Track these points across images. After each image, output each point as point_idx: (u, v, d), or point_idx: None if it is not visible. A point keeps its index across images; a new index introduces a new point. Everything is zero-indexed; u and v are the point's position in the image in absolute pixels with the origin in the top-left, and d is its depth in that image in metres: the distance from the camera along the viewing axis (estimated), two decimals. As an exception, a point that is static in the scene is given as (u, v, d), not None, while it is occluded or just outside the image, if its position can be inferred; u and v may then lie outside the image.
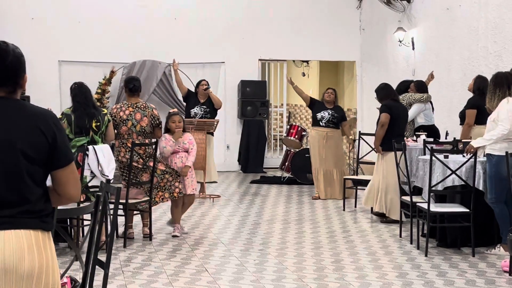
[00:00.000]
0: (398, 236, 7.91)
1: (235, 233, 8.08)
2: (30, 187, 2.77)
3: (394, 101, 8.88)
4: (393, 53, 13.41)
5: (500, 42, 9.89)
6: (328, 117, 10.65)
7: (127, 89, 7.75)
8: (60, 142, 2.84)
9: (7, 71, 2.81)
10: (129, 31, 14.06)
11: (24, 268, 2.68)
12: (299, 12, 14.88)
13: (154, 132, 7.68)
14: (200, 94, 11.20)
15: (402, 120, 8.85)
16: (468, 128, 8.28)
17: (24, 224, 2.73)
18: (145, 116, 7.60)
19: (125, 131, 7.55)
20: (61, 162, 2.85)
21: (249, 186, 12.34)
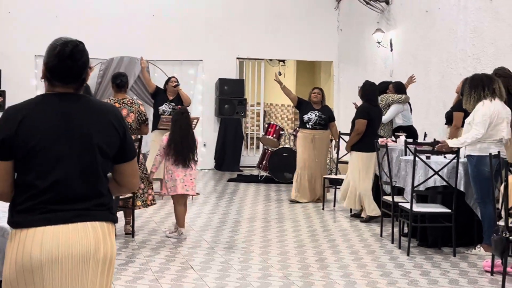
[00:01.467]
0: (379, 236, 7.98)
1: (217, 231, 8.08)
2: (103, 181, 2.91)
3: (371, 104, 8.90)
4: (371, 54, 13.51)
5: (478, 45, 10.02)
6: (315, 118, 10.35)
7: (114, 85, 7.72)
8: (128, 137, 2.99)
9: (79, 69, 2.92)
10: (107, 27, 13.98)
11: (101, 255, 2.85)
12: (277, 11, 14.92)
13: (141, 128, 7.65)
14: (169, 91, 11.17)
15: (376, 123, 8.98)
16: (455, 130, 8.37)
17: (98, 217, 2.88)
18: (131, 112, 7.57)
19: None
20: (129, 156, 3.01)
21: (226, 184, 12.35)
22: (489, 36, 9.79)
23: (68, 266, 2.77)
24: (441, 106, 10.80)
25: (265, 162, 12.71)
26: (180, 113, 7.71)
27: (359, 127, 8.76)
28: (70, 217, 2.81)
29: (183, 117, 7.58)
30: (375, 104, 9.03)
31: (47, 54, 2.91)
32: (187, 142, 7.48)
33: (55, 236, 2.77)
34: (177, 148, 7.45)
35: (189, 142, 7.51)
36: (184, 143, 7.47)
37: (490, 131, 6.77)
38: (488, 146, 6.81)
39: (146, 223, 8.41)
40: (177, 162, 7.47)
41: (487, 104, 6.77)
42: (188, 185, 7.57)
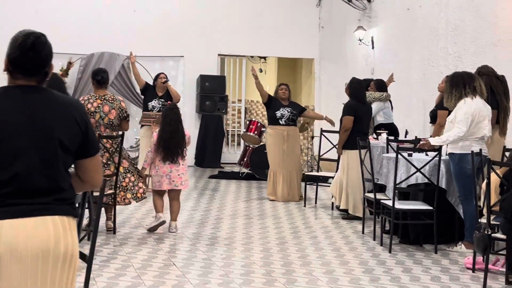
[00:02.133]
0: (360, 233, 8.00)
1: (199, 228, 8.06)
2: (64, 176, 2.85)
3: (358, 101, 8.89)
4: (353, 51, 13.54)
5: (460, 43, 10.07)
6: (288, 115, 10.27)
7: (94, 81, 7.66)
8: (90, 132, 2.94)
9: (41, 61, 2.87)
10: (87, 23, 13.89)
11: (60, 250, 2.78)
12: (259, 8, 14.91)
13: (121, 125, 7.60)
14: (158, 87, 11.14)
15: (365, 120, 8.93)
16: (439, 128, 8.41)
17: (59, 211, 2.81)
18: (113, 109, 7.52)
19: (93, 123, 7.46)
20: (92, 151, 2.95)
21: (207, 181, 12.32)
22: (470, 34, 9.84)
23: (27, 260, 2.71)
24: (422, 104, 10.86)
25: (246, 159, 12.70)
26: (170, 108, 7.75)
27: (346, 124, 8.74)
28: (30, 211, 2.75)
29: (173, 113, 7.63)
30: (363, 102, 9.00)
31: (10, 46, 2.87)
32: (176, 138, 7.53)
33: (14, 229, 2.71)
34: (166, 144, 7.51)
35: (178, 138, 7.55)
36: (173, 139, 7.51)
37: (472, 129, 6.81)
38: (470, 144, 6.84)
39: (127, 219, 8.37)
40: (165, 158, 7.53)
41: (469, 102, 6.81)
42: (176, 180, 7.59)
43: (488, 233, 5.65)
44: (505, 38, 9.11)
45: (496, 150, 7.17)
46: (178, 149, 7.54)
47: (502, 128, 7.33)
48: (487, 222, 5.74)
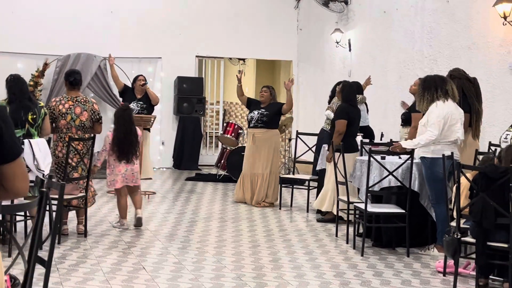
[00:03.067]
0: (334, 236, 7.98)
1: (172, 231, 8.00)
2: None
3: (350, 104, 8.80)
4: (330, 54, 13.54)
5: (435, 46, 10.10)
6: (257, 116, 9.98)
7: (67, 82, 7.59)
8: (6, 136, 2.73)
9: None
10: (64, 23, 13.76)
11: None
12: (237, 9, 14.87)
13: (94, 127, 7.54)
14: (137, 90, 11.09)
15: (356, 124, 8.86)
16: (415, 131, 8.40)
17: None
18: (85, 111, 7.45)
19: (64, 125, 7.38)
20: (8, 156, 2.74)
21: (184, 183, 12.26)
22: (445, 37, 9.88)
23: None
24: (398, 106, 10.85)
25: (224, 161, 12.66)
26: (122, 109, 7.86)
27: (340, 128, 8.61)
28: None
29: (126, 114, 7.74)
30: (355, 105, 8.93)
31: None
32: (130, 138, 7.67)
33: None
34: (121, 144, 7.64)
35: (132, 138, 7.69)
36: (127, 139, 7.64)
37: (445, 132, 6.81)
38: (441, 148, 6.84)
39: (100, 222, 8.29)
40: (121, 158, 7.67)
41: (441, 106, 6.81)
42: (129, 179, 7.79)
43: (458, 237, 5.65)
44: (479, 42, 9.15)
45: (469, 154, 7.17)
46: (132, 149, 7.71)
47: (475, 131, 7.34)
48: (457, 225, 5.74)
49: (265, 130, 9.99)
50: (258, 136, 10.00)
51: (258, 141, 9.98)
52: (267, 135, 10.01)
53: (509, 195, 5.42)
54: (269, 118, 9.98)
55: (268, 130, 10.02)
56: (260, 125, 10.00)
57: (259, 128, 9.99)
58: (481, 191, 5.55)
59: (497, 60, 8.82)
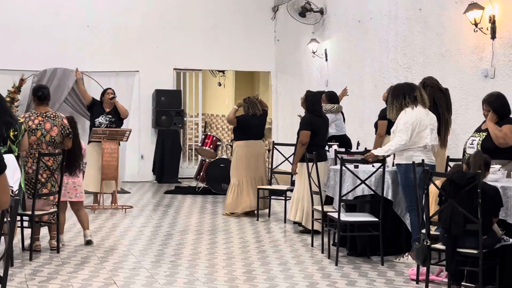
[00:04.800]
0: (310, 246, 7.95)
1: (147, 245, 7.94)
2: None
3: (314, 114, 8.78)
4: (307, 64, 13.56)
5: (409, 54, 10.13)
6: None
7: (35, 98, 7.52)
8: None
9: None
10: (40, 38, 13.71)
11: None
12: (214, 22, 14.87)
13: (64, 142, 7.47)
14: (106, 103, 11.04)
15: (322, 133, 8.83)
16: (380, 139, 8.45)
17: None
18: (55, 126, 7.38)
19: (34, 141, 7.31)
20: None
21: (163, 197, 12.20)
22: (419, 45, 9.91)
23: None
24: (374, 115, 10.86)
25: (203, 173, 12.62)
26: (67, 121, 7.72)
27: (303, 139, 8.60)
28: None
29: (70, 126, 7.59)
30: (320, 115, 8.90)
31: None
32: (74, 150, 7.56)
33: None
34: (65, 156, 7.47)
35: (76, 150, 7.59)
36: (70, 151, 7.52)
37: (414, 138, 6.83)
38: (414, 154, 6.86)
39: (73, 237, 8.22)
40: (65, 170, 7.49)
41: (409, 112, 6.85)
42: (71, 192, 7.68)
43: (427, 244, 5.64)
44: (452, 49, 9.18)
45: (437, 162, 7.19)
46: (76, 162, 7.63)
47: (443, 140, 7.39)
48: (426, 233, 5.73)
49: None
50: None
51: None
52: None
53: (477, 201, 5.42)
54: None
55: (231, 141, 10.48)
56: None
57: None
58: (450, 198, 5.54)
59: (469, 67, 8.85)
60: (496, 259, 5.71)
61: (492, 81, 8.47)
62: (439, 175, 6.02)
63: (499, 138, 6.46)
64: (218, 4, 14.91)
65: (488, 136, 6.53)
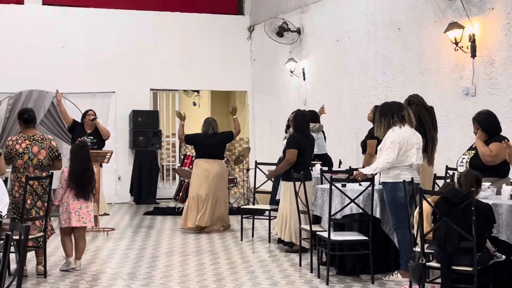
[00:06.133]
0: (298, 265, 7.95)
1: (134, 267, 7.87)
2: None
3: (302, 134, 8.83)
4: (285, 83, 13.63)
5: (388, 73, 10.25)
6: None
7: (21, 121, 7.44)
8: None
9: None
10: (15, 60, 13.60)
11: None
12: (190, 42, 14.89)
13: (53, 164, 7.41)
14: (87, 125, 10.98)
15: (308, 153, 8.87)
16: (370, 158, 8.50)
17: None
18: (42, 149, 7.31)
19: (21, 164, 7.23)
20: None
21: (143, 218, 12.12)
22: (399, 64, 10.03)
23: None
24: (354, 133, 10.97)
25: (182, 193, 12.56)
26: (80, 146, 7.73)
27: (290, 157, 8.63)
28: None
29: (83, 150, 7.59)
30: (307, 135, 8.96)
31: None
32: (87, 175, 7.51)
33: None
34: (79, 180, 7.46)
35: (89, 175, 7.54)
36: (85, 175, 7.48)
37: (400, 157, 6.89)
38: (400, 172, 6.92)
39: (59, 261, 8.11)
40: (79, 195, 7.48)
41: (397, 131, 6.91)
42: (85, 217, 7.57)
43: (423, 262, 5.68)
44: (432, 67, 9.32)
45: (425, 179, 7.28)
46: (89, 186, 7.55)
47: (429, 157, 7.48)
48: (421, 251, 5.77)
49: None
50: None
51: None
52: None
53: (471, 219, 5.48)
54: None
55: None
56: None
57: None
58: (444, 216, 5.60)
59: (450, 85, 8.99)
60: (490, 276, 5.77)
61: (473, 98, 8.61)
62: (432, 193, 6.07)
63: (485, 156, 6.56)
64: (194, 24, 14.94)
65: (477, 154, 6.63)
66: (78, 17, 14.25)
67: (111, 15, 14.49)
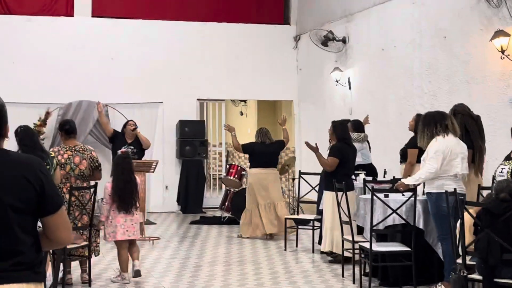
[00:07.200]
0: (340, 276, 7.90)
1: (177, 277, 7.93)
2: (20, 238, 2.74)
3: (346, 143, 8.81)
4: (330, 92, 13.59)
5: (434, 82, 10.13)
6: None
7: (62, 132, 7.55)
8: (48, 189, 2.81)
9: None
10: (65, 72, 13.87)
11: None
12: (237, 52, 14.97)
13: (94, 174, 7.52)
14: (127, 135, 11.12)
15: (350, 162, 8.82)
16: (410, 167, 8.41)
17: (17, 278, 2.68)
18: (84, 159, 7.44)
19: (63, 175, 7.36)
20: (50, 208, 2.83)
21: (188, 227, 12.20)
22: (444, 73, 9.91)
23: None
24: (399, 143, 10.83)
25: (228, 203, 12.61)
26: (122, 157, 7.70)
27: (332, 163, 8.58)
28: None
29: (125, 162, 7.57)
30: (349, 143, 8.93)
31: None
32: (130, 187, 7.47)
33: None
34: (121, 193, 7.43)
35: (132, 187, 7.49)
36: (127, 188, 7.45)
37: (444, 167, 6.79)
38: (444, 183, 6.82)
39: (104, 270, 8.23)
40: (120, 208, 7.44)
41: (440, 140, 6.82)
42: (130, 230, 7.50)
43: (464, 275, 5.59)
44: (478, 76, 9.18)
45: (472, 190, 7.14)
46: (132, 199, 7.48)
47: (477, 167, 7.33)
48: (463, 263, 5.68)
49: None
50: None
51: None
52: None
53: (513, 230, 5.37)
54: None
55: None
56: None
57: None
58: (486, 227, 5.50)
59: (496, 94, 8.84)
60: (534, 289, 5.64)
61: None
62: (474, 204, 5.97)
63: (526, 166, 6.42)
64: (240, 34, 15.02)
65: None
66: (127, 28, 14.47)
67: (158, 26, 14.67)
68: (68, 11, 14.28)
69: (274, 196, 10.84)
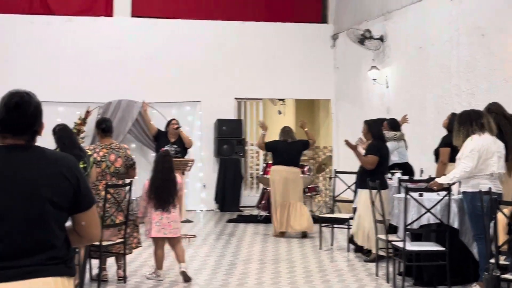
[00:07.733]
0: (374, 275, 7.88)
1: (211, 274, 8.00)
2: (56, 233, 2.82)
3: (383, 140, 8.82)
4: (368, 91, 13.53)
5: (472, 80, 10.02)
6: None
7: (99, 130, 7.68)
8: (83, 186, 2.91)
9: (28, 120, 2.88)
10: (105, 71, 14.05)
11: None
12: (274, 51, 14.99)
13: (128, 172, 7.61)
14: (170, 134, 11.22)
15: (385, 161, 8.82)
16: (442, 166, 8.33)
17: (52, 271, 2.76)
18: (119, 157, 7.54)
19: (99, 172, 7.47)
20: (85, 205, 2.92)
21: (225, 225, 12.27)
22: (482, 71, 9.79)
23: None
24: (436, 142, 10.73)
25: (264, 201, 12.64)
26: (162, 155, 7.74)
27: (372, 163, 8.57)
28: (17, 274, 2.69)
29: (165, 160, 7.62)
30: (385, 140, 8.94)
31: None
32: (167, 185, 7.51)
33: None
34: (158, 191, 7.48)
35: (170, 185, 7.52)
36: (164, 186, 7.49)
37: (480, 166, 6.72)
38: (480, 182, 6.75)
39: (140, 267, 8.34)
40: (157, 206, 7.48)
41: (475, 139, 6.75)
42: (166, 228, 7.52)
43: (497, 275, 5.54)
44: (516, 74, 9.05)
45: (505, 190, 7.04)
46: (169, 197, 7.49)
47: (510, 167, 7.22)
48: (495, 262, 5.62)
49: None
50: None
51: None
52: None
53: (548, 230, 5.30)
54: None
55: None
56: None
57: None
58: (519, 227, 5.44)
59: (535, 92, 8.70)
60: None
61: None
62: (508, 203, 5.90)
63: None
64: (278, 33, 15.04)
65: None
66: (165, 28, 14.60)
67: (197, 25, 14.77)
68: (107, 11, 14.48)
69: (292, 196, 10.86)
